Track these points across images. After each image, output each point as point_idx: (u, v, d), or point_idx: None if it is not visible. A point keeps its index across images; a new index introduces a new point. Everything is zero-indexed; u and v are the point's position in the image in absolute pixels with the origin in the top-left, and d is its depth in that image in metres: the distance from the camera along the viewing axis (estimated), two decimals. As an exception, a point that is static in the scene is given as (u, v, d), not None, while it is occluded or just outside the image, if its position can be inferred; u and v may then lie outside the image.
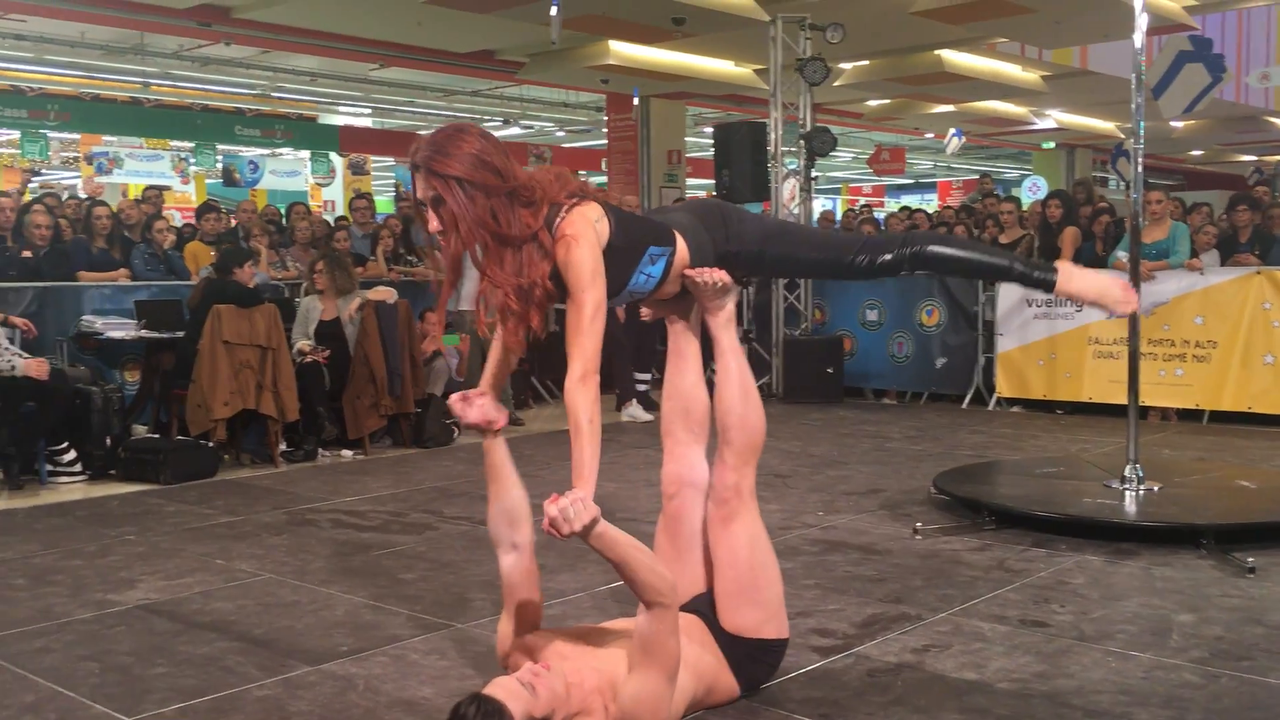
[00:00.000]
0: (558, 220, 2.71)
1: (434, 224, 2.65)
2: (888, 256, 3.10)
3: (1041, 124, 19.82)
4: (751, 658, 3.01)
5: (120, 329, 7.45)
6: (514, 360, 2.98)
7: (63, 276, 7.75)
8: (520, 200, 2.66)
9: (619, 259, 2.80)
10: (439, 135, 2.67)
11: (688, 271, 3.00)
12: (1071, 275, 3.19)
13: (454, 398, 2.93)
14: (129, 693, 3.18)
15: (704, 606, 3.03)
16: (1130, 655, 3.36)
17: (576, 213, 2.72)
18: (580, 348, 2.65)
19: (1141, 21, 5.23)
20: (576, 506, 2.49)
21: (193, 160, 17.93)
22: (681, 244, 2.97)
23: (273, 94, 17.36)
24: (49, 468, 6.55)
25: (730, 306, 3.14)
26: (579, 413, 2.62)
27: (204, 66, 14.97)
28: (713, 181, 11.25)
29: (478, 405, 2.90)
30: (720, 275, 3.01)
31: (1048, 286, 3.18)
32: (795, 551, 4.66)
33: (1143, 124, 5.28)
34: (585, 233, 2.68)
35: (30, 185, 18.17)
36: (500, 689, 2.57)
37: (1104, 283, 3.23)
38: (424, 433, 7.71)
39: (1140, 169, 5.27)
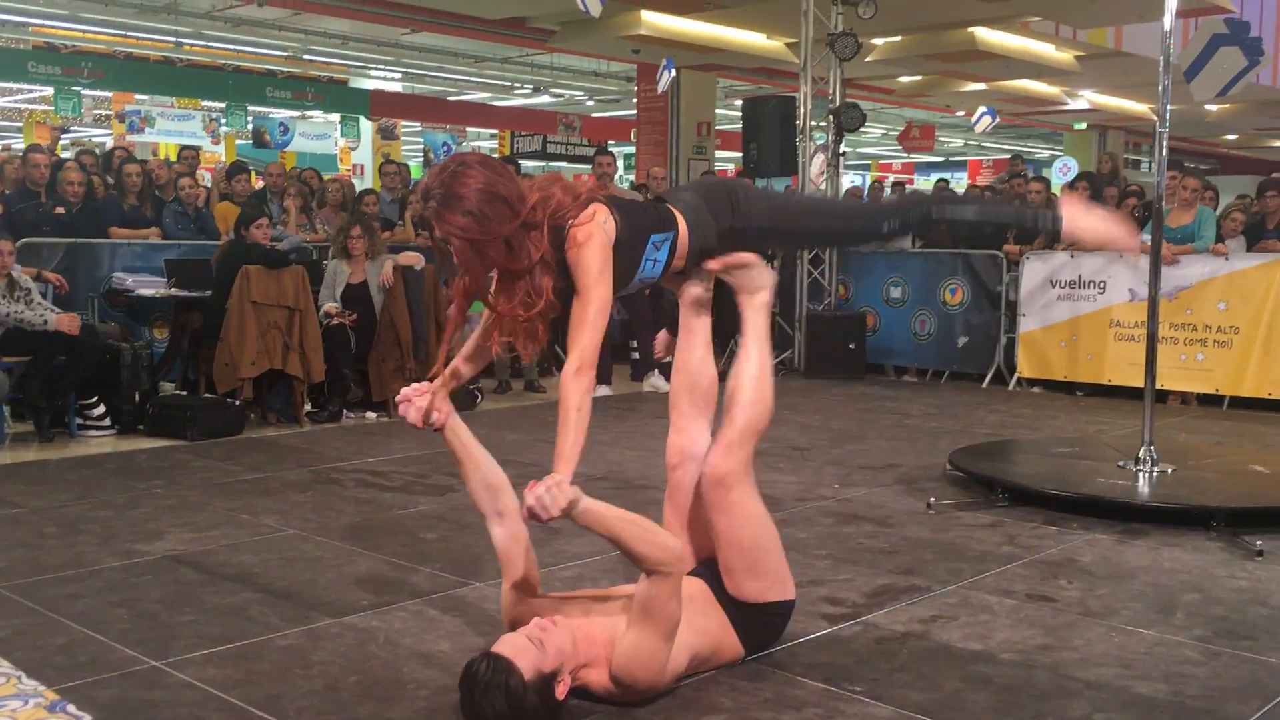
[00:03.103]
0: (569, 225, 2.78)
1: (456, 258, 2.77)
2: (895, 223, 3.12)
3: (1074, 104, 19.65)
4: (756, 621, 3.08)
5: (150, 287, 7.57)
6: (481, 362, 3.07)
7: (95, 233, 7.87)
8: (529, 227, 2.72)
9: (627, 253, 2.89)
10: (445, 175, 2.69)
11: (711, 264, 3.08)
12: (1077, 217, 3.16)
13: (402, 394, 2.96)
14: (157, 638, 3.29)
15: (709, 571, 3.11)
16: (1134, 631, 3.42)
17: (585, 215, 2.79)
18: (580, 341, 2.74)
19: (1171, 3, 5.22)
20: (553, 492, 2.56)
21: (223, 121, 18.04)
22: (682, 224, 3.02)
23: (304, 56, 17.42)
24: (79, 421, 6.70)
25: (767, 292, 3.20)
26: (569, 400, 2.70)
27: (236, 27, 15.04)
28: (741, 154, 11.26)
29: (416, 407, 2.93)
30: (742, 257, 3.07)
31: (1055, 234, 3.17)
32: (810, 522, 4.73)
33: (1170, 107, 5.28)
34: (595, 234, 2.77)
35: (61, 141, 18.36)
36: (509, 645, 2.65)
37: (1107, 225, 3.20)
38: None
39: (1165, 152, 5.27)
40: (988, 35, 13.53)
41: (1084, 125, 23.19)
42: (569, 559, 4.16)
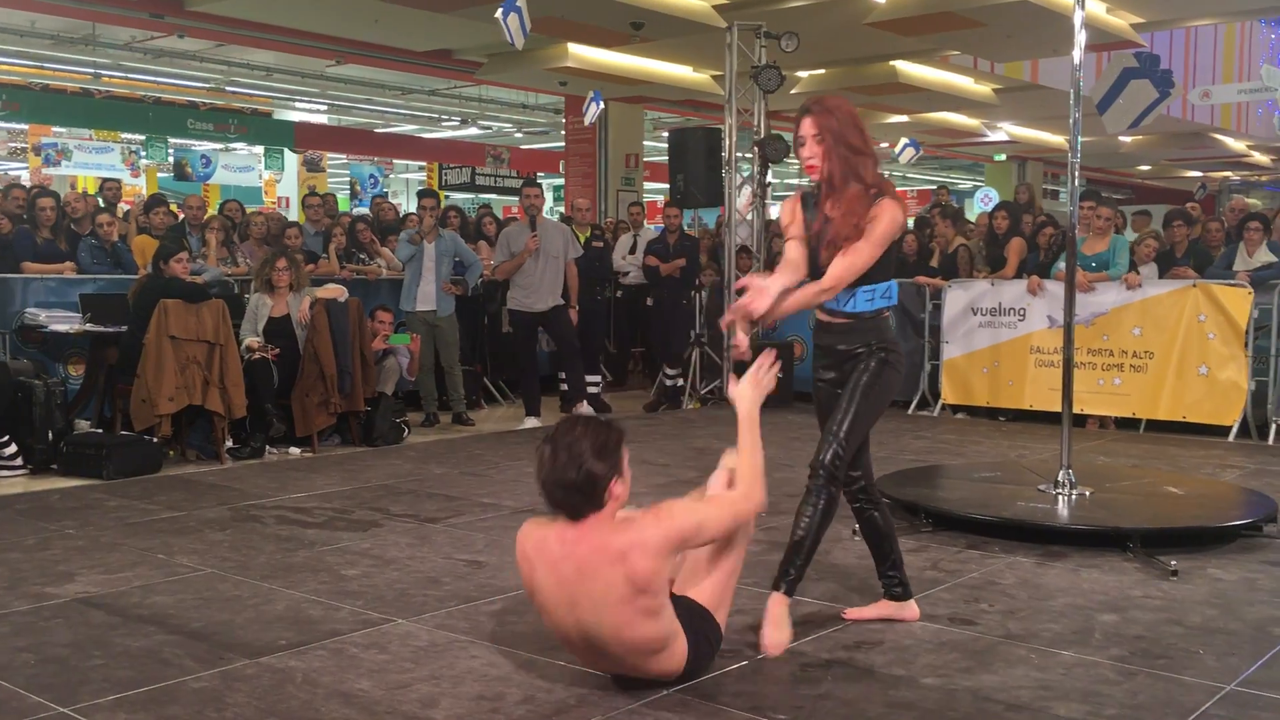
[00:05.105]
0: (883, 193, 3.46)
1: (808, 151, 3.46)
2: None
3: (994, 136, 20.12)
4: (703, 627, 3.12)
5: (64, 322, 7.38)
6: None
7: (6, 268, 7.67)
8: (869, 159, 3.46)
9: (885, 254, 3.49)
10: (825, 96, 3.54)
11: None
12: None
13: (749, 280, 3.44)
14: (65, 683, 3.18)
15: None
16: (1053, 653, 3.47)
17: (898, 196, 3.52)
18: (834, 272, 3.41)
19: (1080, 38, 5.37)
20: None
21: (143, 153, 17.74)
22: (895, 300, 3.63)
23: (227, 88, 17.23)
24: (-11, 461, 6.48)
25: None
26: (807, 295, 3.43)
27: (156, 59, 14.85)
28: (669, 186, 11.33)
29: (758, 288, 3.38)
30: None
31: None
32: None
33: (1084, 139, 5.42)
34: (901, 210, 3.47)
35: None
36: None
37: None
38: (373, 431, 7.70)
39: (1077, 182, 5.41)
40: (908, 69, 13.82)
41: (1004, 156, 23.76)
42: (495, 592, 4.12)
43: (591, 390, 9.19)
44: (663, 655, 3.03)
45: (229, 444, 7.08)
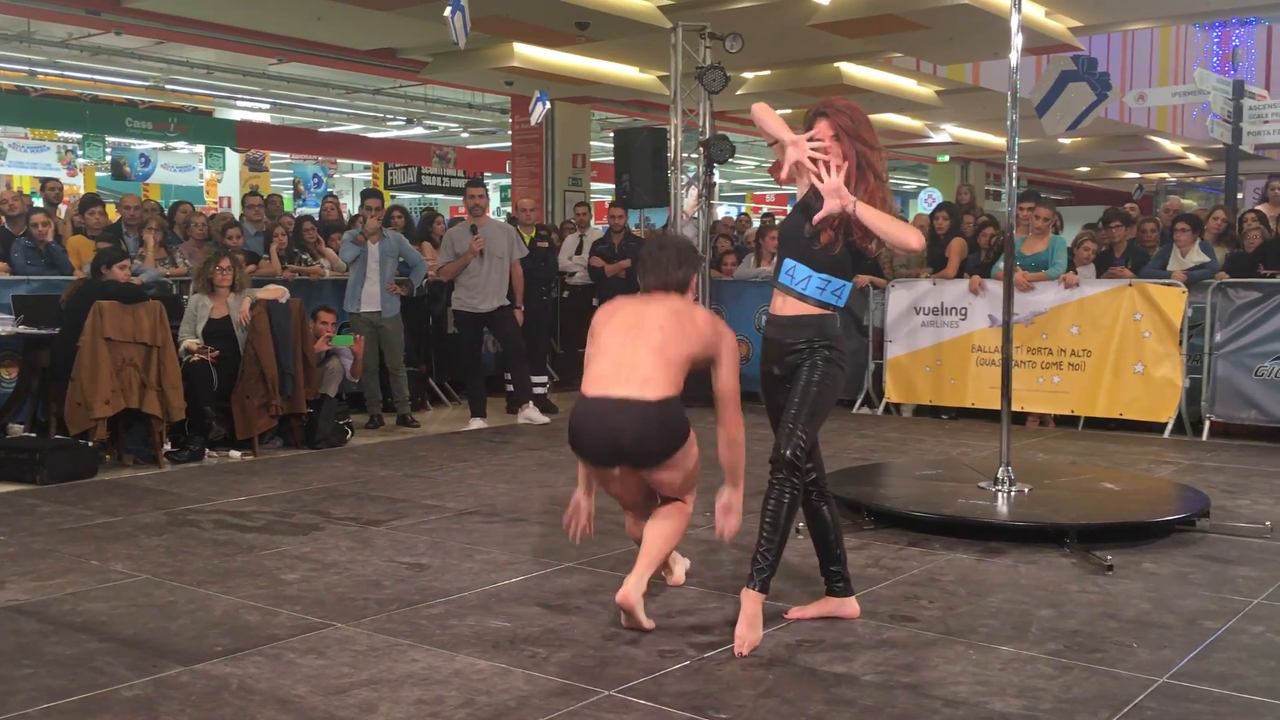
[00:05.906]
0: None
1: (829, 150, 3.59)
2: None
3: (937, 138, 20.33)
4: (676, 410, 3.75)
5: (-3, 324, 7.21)
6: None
7: (-64, 269, 7.48)
8: (879, 154, 3.67)
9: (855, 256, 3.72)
10: (833, 98, 3.77)
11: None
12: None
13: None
14: (-9, 694, 3.11)
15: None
16: (991, 648, 3.51)
17: None
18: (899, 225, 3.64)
19: (1017, 41, 5.44)
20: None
21: (80, 152, 17.41)
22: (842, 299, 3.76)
23: (166, 86, 16.94)
24: (-82, 467, 6.32)
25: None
26: (882, 219, 3.58)
27: (94, 56, 14.57)
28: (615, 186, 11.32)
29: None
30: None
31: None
32: (681, 551, 4.72)
33: (1024, 140, 5.50)
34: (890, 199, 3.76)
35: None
36: None
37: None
38: (316, 433, 7.61)
39: (1015, 183, 5.48)
40: (853, 70, 13.92)
41: (947, 158, 24.03)
42: (436, 595, 4.08)
43: (538, 391, 9.16)
44: (671, 366, 3.78)
45: (167, 447, 6.96)
